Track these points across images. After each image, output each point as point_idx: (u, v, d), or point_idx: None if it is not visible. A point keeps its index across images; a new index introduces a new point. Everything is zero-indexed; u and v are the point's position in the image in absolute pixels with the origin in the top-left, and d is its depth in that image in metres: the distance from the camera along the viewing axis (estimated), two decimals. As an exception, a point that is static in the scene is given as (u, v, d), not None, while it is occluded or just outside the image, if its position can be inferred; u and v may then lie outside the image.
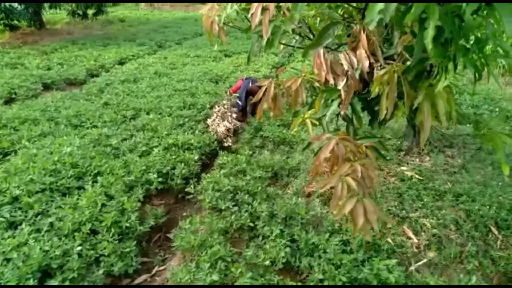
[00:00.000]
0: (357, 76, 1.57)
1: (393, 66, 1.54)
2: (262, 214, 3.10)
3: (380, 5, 1.18)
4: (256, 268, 2.64)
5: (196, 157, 4.19)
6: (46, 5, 12.26)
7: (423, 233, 2.92)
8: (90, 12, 13.75)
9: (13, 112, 5.13)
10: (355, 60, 1.58)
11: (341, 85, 1.48)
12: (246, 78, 5.48)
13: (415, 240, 2.85)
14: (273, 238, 2.85)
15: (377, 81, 1.47)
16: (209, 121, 5.02)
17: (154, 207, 3.51)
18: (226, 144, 4.62)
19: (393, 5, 1.13)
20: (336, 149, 1.52)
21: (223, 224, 3.01)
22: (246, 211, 3.18)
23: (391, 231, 2.97)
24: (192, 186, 3.62)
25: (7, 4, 10.69)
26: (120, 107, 5.50)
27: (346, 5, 1.74)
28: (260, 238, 2.94)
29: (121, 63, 8.90)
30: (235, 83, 5.96)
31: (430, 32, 1.01)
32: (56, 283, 2.42)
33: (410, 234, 2.90)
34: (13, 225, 2.91)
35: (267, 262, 2.65)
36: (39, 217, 2.99)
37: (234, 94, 5.26)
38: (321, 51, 1.54)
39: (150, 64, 8.34)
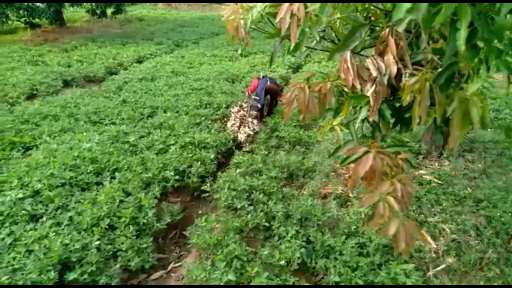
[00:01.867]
0: (385, 82, 1.55)
1: (423, 73, 1.51)
2: (278, 214, 3.09)
3: (407, 5, 1.16)
4: (271, 268, 2.64)
5: (212, 156, 4.21)
6: (67, 3, 12.48)
7: (442, 238, 2.87)
8: (109, 11, 13.96)
9: (34, 108, 5.25)
10: (383, 66, 1.55)
11: (369, 91, 1.46)
12: (263, 77, 5.45)
13: (434, 245, 2.80)
14: (288, 238, 2.85)
15: (409, 89, 1.45)
16: (228, 124, 5.03)
17: (171, 204, 3.54)
18: (245, 149, 4.61)
19: (424, 5, 1.11)
20: (374, 164, 1.48)
21: (239, 223, 3.01)
22: (262, 210, 3.18)
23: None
24: (208, 185, 3.64)
25: (30, 2, 10.94)
26: (138, 104, 5.56)
27: (372, 7, 1.72)
28: (276, 238, 2.93)
29: (139, 61, 9.01)
30: (251, 82, 5.94)
31: (462, 33, 0.98)
32: (75, 276, 2.46)
33: (429, 239, 2.85)
34: (34, 218, 2.98)
35: (282, 262, 2.64)
36: (59, 211, 3.06)
37: (253, 96, 5.23)
38: (348, 55, 1.52)
39: (168, 63, 8.42)
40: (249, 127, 4.88)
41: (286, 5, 1.56)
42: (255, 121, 5.01)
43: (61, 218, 2.95)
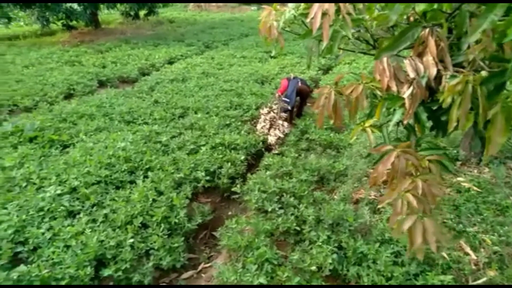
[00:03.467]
0: (423, 84, 1.49)
1: (465, 75, 1.44)
2: (309, 218, 3.05)
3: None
4: (302, 273, 2.60)
5: (242, 157, 4.22)
6: (102, 6, 12.92)
7: (482, 250, 2.73)
8: (142, 12, 14.32)
9: (72, 107, 5.45)
10: (421, 67, 1.49)
11: (406, 93, 1.41)
12: (293, 78, 5.41)
13: (474, 257, 2.67)
14: (319, 243, 2.80)
15: (450, 91, 1.39)
16: (258, 126, 5.03)
17: (201, 204, 3.57)
18: (274, 152, 4.59)
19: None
20: (396, 162, 1.45)
21: (269, 226, 3.00)
22: (292, 214, 3.15)
23: (447, 245, 2.81)
24: (238, 186, 3.64)
25: (68, 5, 11.40)
26: (169, 105, 5.66)
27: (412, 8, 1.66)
28: (307, 242, 2.89)
29: (170, 62, 9.18)
30: (280, 84, 5.90)
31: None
32: (110, 272, 2.52)
33: (468, 249, 2.73)
34: (71, 214, 3.08)
35: (313, 268, 2.60)
36: (95, 208, 3.15)
37: (283, 98, 5.19)
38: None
39: (198, 64, 8.53)
40: (279, 130, 4.86)
41: (317, 4, 1.53)
42: (285, 123, 4.99)
43: (97, 215, 3.03)
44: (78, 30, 12.70)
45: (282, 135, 4.81)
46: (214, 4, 22.26)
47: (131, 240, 2.78)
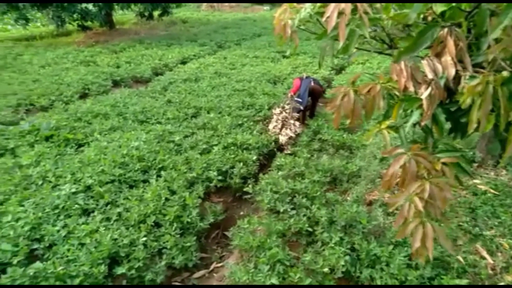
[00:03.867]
0: (441, 84, 1.46)
1: (486, 75, 1.41)
2: (321, 219, 3.03)
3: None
4: (314, 275, 2.58)
5: (254, 157, 4.21)
6: (117, 7, 13.08)
7: (499, 254, 2.67)
8: (156, 13, 14.44)
9: (87, 107, 5.53)
10: (439, 67, 1.46)
11: (424, 94, 1.39)
12: (306, 78, 5.38)
13: (490, 261, 2.62)
14: (332, 245, 2.78)
15: (469, 92, 1.36)
16: (270, 126, 5.02)
17: (213, 204, 3.58)
18: (286, 152, 4.57)
19: None
20: (407, 165, 1.43)
21: (281, 226, 2.98)
22: (305, 215, 3.14)
23: (462, 248, 2.75)
24: (250, 186, 3.64)
25: (83, 6, 11.58)
26: (182, 105, 5.69)
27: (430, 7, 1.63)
28: (319, 244, 2.88)
29: (183, 62, 9.24)
30: (293, 83, 5.86)
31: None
32: (123, 271, 2.55)
33: (484, 253, 2.67)
34: (86, 212, 3.12)
35: (326, 269, 2.58)
36: (109, 206, 3.18)
37: (295, 98, 5.16)
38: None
39: (211, 64, 8.56)
40: (290, 129, 4.84)
41: (333, 4, 1.51)
42: (297, 123, 4.96)
43: (111, 213, 3.07)
44: (93, 30, 12.87)
45: (293, 135, 4.79)
46: (226, 4, 22.32)
47: (144, 239, 2.80)
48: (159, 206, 3.15)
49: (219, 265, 3.07)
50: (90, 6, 12.06)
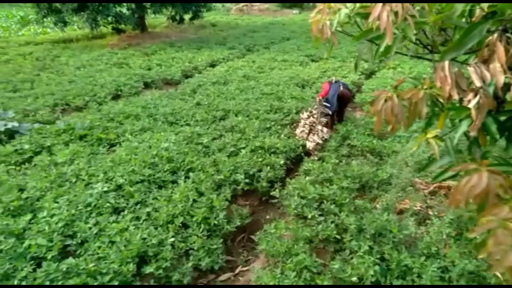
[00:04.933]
0: (490, 92, 1.38)
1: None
2: (350, 227, 2.96)
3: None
4: (342, 283, 2.53)
5: (282, 162, 4.19)
6: (149, 10, 13.42)
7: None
8: (187, 17, 14.70)
9: (119, 108, 5.68)
10: (487, 75, 1.39)
11: (472, 103, 1.32)
12: (335, 82, 5.30)
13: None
14: (361, 253, 2.71)
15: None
16: (297, 131, 4.98)
17: (240, 207, 3.58)
18: (313, 158, 4.51)
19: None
20: (486, 183, 1.33)
21: (309, 233, 2.94)
22: (332, 222, 3.08)
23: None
24: (277, 190, 3.61)
25: (117, 9, 11.95)
26: (211, 107, 5.75)
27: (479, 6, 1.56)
28: (347, 252, 2.81)
29: (212, 65, 9.34)
30: (321, 87, 5.77)
31: None
32: (152, 270, 2.58)
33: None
34: (117, 210, 3.20)
35: (354, 279, 2.52)
36: (138, 205, 3.25)
37: (323, 103, 5.09)
38: (447, 62, 1.39)
39: (239, 67, 8.61)
40: (318, 135, 4.77)
41: (380, 4, 1.47)
42: (324, 129, 4.88)
43: (140, 213, 3.13)
44: (126, 33, 13.25)
45: (320, 141, 4.72)
46: (256, 7, 22.44)
47: (172, 239, 2.84)
48: (187, 207, 3.19)
49: (244, 269, 3.06)
50: (124, 9, 12.43)
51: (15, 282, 2.36)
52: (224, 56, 10.09)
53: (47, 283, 2.37)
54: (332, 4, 1.86)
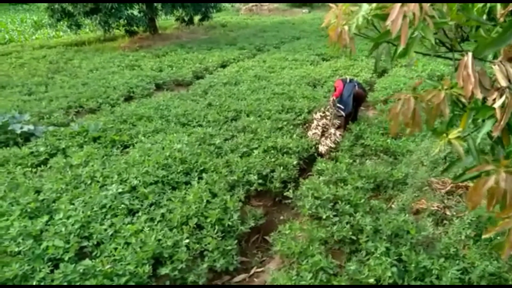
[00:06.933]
0: (516, 91, 1.34)
1: None
2: (366, 227, 2.92)
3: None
4: (359, 285, 2.49)
5: (295, 162, 4.16)
6: (160, 12, 13.51)
7: None
8: (196, 18, 14.76)
9: (131, 109, 5.73)
10: (513, 74, 1.35)
11: (497, 103, 1.28)
12: (350, 81, 5.21)
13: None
14: (377, 255, 2.67)
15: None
16: (309, 133, 4.94)
17: (253, 208, 3.57)
18: (325, 158, 4.45)
19: None
20: (504, 183, 1.29)
21: (324, 233, 2.92)
22: (348, 222, 3.04)
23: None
24: (290, 191, 3.58)
25: (129, 11, 12.06)
26: (223, 108, 5.75)
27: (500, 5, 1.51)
28: (363, 253, 2.78)
29: (223, 66, 9.35)
30: (334, 86, 5.66)
31: None
32: (167, 271, 2.59)
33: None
34: (131, 212, 3.22)
35: (371, 280, 2.49)
36: (153, 207, 3.26)
37: (337, 104, 5.00)
38: (470, 60, 1.35)
39: (250, 68, 8.60)
40: (330, 139, 4.70)
41: (398, 5, 1.44)
42: (337, 132, 4.80)
43: (155, 214, 3.14)
44: (137, 35, 13.37)
45: (333, 145, 4.65)
46: (265, 7, 22.42)
47: (187, 241, 2.84)
48: (201, 208, 3.18)
49: (259, 270, 3.05)
50: (135, 11, 12.54)
51: (34, 283, 2.39)
52: (235, 57, 10.10)
53: (65, 284, 2.39)
54: (344, 6, 1.81)
